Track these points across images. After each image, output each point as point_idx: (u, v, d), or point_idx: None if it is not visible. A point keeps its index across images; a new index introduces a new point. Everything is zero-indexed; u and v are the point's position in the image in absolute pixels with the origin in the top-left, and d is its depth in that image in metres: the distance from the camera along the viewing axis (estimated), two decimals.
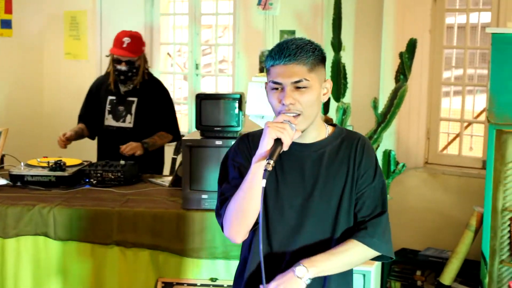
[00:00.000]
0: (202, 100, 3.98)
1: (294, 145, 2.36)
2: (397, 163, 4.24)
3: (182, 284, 3.96)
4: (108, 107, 5.06)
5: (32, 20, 7.10)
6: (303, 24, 5.91)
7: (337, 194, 2.41)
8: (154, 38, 7.04)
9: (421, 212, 5.55)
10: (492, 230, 4.09)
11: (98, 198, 4.17)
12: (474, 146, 5.86)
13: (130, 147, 4.81)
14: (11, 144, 5.26)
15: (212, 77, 7.26)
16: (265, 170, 2.22)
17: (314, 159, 2.42)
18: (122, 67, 4.95)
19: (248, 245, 2.50)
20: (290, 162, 2.42)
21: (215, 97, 4.03)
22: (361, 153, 2.42)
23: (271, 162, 2.22)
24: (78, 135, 5.11)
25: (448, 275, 4.62)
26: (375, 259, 2.48)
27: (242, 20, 6.37)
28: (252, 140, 2.47)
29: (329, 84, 2.42)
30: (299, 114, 2.31)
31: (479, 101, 5.88)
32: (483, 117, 5.91)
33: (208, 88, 7.51)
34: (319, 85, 2.36)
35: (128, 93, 5.02)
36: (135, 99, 5.02)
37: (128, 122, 5.03)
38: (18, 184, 4.39)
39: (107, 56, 5.10)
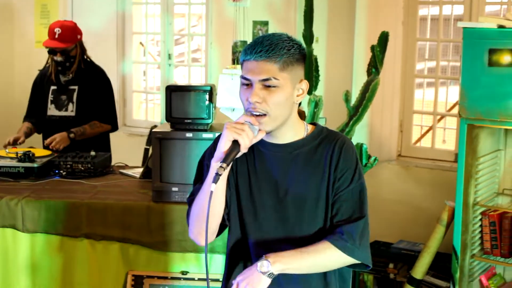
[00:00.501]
0: (172, 92, 3.93)
1: (268, 145, 2.32)
2: (369, 157, 4.23)
3: (153, 277, 3.92)
4: (50, 97, 5.02)
5: (3, 8, 7.00)
6: (276, 15, 5.88)
7: (311, 198, 2.32)
8: (126, 27, 6.97)
9: (393, 204, 5.56)
10: (463, 225, 4.09)
11: (67, 190, 4.11)
12: (447, 139, 5.88)
13: (55, 141, 4.75)
14: None
15: (185, 67, 7.21)
16: (216, 173, 2.14)
17: (288, 160, 2.33)
18: (58, 58, 4.89)
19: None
20: (263, 162, 2.35)
21: (185, 89, 3.99)
22: (338, 154, 2.32)
23: (224, 165, 2.15)
24: (27, 136, 5.06)
25: (420, 269, 4.62)
26: (351, 267, 2.37)
27: (214, 10, 6.32)
28: None
29: (305, 85, 2.32)
30: (264, 114, 2.23)
31: (453, 93, 5.89)
32: (456, 110, 5.92)
33: (181, 78, 7.46)
34: (291, 85, 2.25)
35: (68, 82, 4.98)
36: (76, 87, 4.99)
37: (70, 110, 4.98)
38: None
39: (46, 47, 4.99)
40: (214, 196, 2.18)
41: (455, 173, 4.17)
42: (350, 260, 2.31)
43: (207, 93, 3.93)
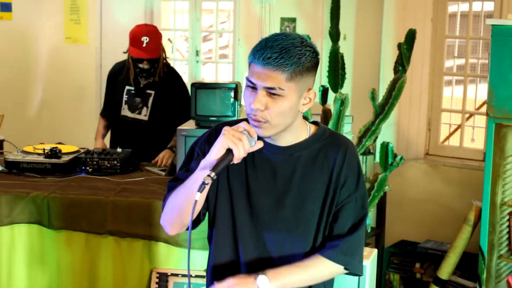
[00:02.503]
0: (197, 89, 3.96)
1: (268, 146, 2.25)
2: (395, 156, 4.19)
3: (177, 274, 3.93)
4: (125, 97, 4.96)
5: (32, 3, 7.05)
6: (304, 11, 5.86)
7: (310, 202, 2.26)
8: (155, 23, 6.97)
9: (421, 204, 5.52)
10: (490, 225, 4.05)
11: (93, 187, 4.13)
12: (476, 137, 5.82)
13: (165, 158, 4.72)
14: (11, 130, 5.25)
15: (213, 64, 7.22)
16: (203, 183, 2.06)
17: (288, 163, 2.26)
18: (145, 66, 4.81)
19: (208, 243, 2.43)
20: (263, 165, 2.27)
21: (211, 87, 4.01)
22: (341, 162, 2.26)
23: (212, 174, 2.06)
24: (104, 137, 5.15)
25: (446, 270, 4.59)
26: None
27: (242, 7, 6.31)
28: None
29: (313, 95, 2.21)
30: (265, 122, 2.14)
31: (482, 91, 5.82)
32: (485, 108, 5.86)
33: (208, 75, 7.47)
34: (298, 94, 2.15)
35: (146, 85, 4.92)
36: (153, 92, 4.91)
37: (144, 114, 4.94)
38: (14, 171, 4.35)
39: (124, 52, 4.95)
40: (193, 196, 2.11)
41: (483, 172, 4.13)
42: (344, 271, 2.33)
43: (232, 91, 3.94)
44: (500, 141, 4.00)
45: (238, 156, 2.10)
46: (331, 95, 4.48)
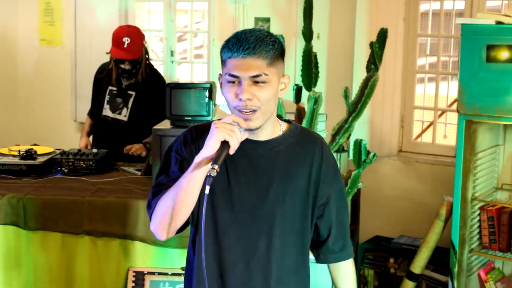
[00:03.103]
0: (172, 90, 3.99)
1: (247, 142, 2.26)
2: (368, 152, 4.24)
3: (153, 273, 3.96)
4: (107, 97, 4.99)
5: (6, 6, 7.03)
6: (278, 11, 5.90)
7: (294, 197, 2.32)
8: (129, 24, 6.98)
9: (394, 200, 5.58)
10: (461, 220, 4.11)
11: (69, 187, 4.15)
12: (448, 134, 5.89)
13: (135, 148, 4.79)
14: None
15: (188, 64, 7.24)
16: (209, 175, 2.08)
17: (268, 157, 2.31)
18: (126, 67, 4.86)
19: (191, 244, 2.41)
20: (243, 160, 2.29)
21: (185, 87, 4.04)
22: (320, 156, 2.36)
23: (216, 167, 2.09)
24: (90, 135, 5.21)
25: (419, 264, 4.65)
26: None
27: (217, 7, 6.33)
28: (200, 133, 2.32)
29: (287, 79, 2.31)
30: (255, 110, 2.20)
31: (454, 88, 5.89)
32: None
33: (183, 75, 7.49)
34: (278, 80, 2.25)
35: (128, 86, 4.95)
36: (134, 93, 4.94)
37: (124, 115, 4.96)
38: None
39: (107, 53, 4.95)
40: (191, 195, 2.17)
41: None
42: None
43: (207, 91, 3.97)
44: (470, 138, 4.06)
45: (234, 146, 2.14)
46: (305, 93, 4.53)
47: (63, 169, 4.42)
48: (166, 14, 6.78)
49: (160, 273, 3.95)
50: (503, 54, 3.86)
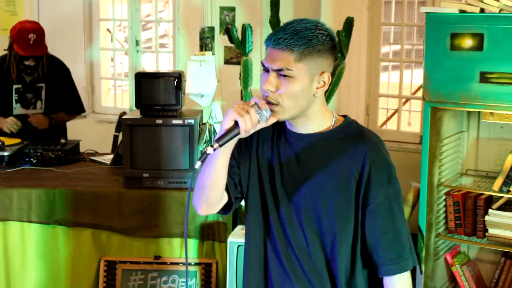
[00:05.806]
0: (141, 79, 3.99)
1: (291, 134, 2.23)
2: None
3: (125, 262, 3.98)
4: (15, 96, 4.88)
5: None
6: (243, 1, 5.92)
7: (329, 193, 2.20)
8: (93, 13, 6.96)
9: None
10: (428, 205, 4.18)
11: (38, 178, 4.15)
12: (412, 121, 5.98)
13: (37, 120, 4.83)
14: None
15: (153, 54, 7.23)
16: (204, 152, 2.05)
17: (308, 151, 2.22)
18: (31, 63, 4.81)
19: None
20: (287, 151, 2.24)
21: (154, 76, 4.05)
22: (370, 157, 2.18)
23: (215, 145, 2.04)
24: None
25: None
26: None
27: None
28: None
29: (326, 78, 2.15)
30: (276, 104, 2.12)
31: (417, 76, 5.98)
32: (421, 93, 6.02)
33: (148, 64, 7.48)
34: (309, 77, 2.12)
35: (34, 80, 4.90)
36: (43, 85, 4.92)
37: (39, 108, 4.93)
38: None
39: (5, 50, 4.87)
40: (211, 170, 2.15)
41: (420, 154, 4.25)
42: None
43: (176, 80, 3.98)
44: (436, 124, 4.13)
45: (245, 128, 2.07)
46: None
47: (32, 160, 4.41)
48: (131, 3, 6.76)
49: (132, 262, 3.97)
50: (467, 42, 3.93)
